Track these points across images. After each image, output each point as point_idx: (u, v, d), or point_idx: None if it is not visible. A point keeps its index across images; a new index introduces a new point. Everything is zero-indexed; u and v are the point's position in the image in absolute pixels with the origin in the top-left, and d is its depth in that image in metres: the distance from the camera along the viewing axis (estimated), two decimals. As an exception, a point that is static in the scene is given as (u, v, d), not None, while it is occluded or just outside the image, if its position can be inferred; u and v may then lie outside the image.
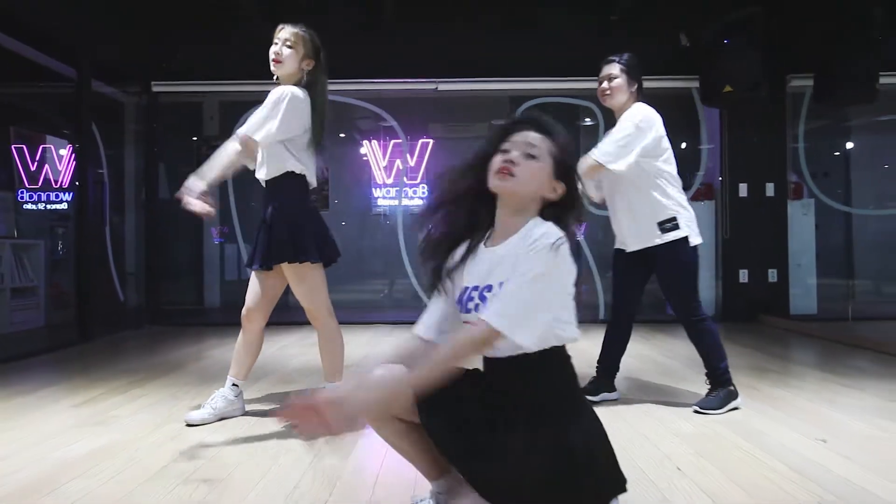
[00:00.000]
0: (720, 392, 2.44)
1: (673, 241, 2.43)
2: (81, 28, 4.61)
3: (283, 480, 1.73)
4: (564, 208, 1.31)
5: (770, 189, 5.47)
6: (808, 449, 1.96)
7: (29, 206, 6.01)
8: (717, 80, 4.83)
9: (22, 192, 6.00)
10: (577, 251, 1.78)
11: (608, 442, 1.31)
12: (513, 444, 1.20)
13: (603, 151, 2.38)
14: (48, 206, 6.08)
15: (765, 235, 5.42)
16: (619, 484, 1.30)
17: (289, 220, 2.30)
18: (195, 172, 2.18)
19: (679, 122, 6.05)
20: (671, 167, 2.51)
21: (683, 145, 5.89)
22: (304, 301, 2.38)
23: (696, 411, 2.39)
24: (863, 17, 4.74)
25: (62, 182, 6.11)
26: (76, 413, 2.47)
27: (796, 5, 5.20)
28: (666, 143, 2.50)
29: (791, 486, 1.65)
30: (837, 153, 6.68)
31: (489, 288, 1.27)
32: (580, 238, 5.79)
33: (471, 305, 1.28)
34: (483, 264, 1.30)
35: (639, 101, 2.52)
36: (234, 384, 2.40)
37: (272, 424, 2.24)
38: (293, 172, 2.31)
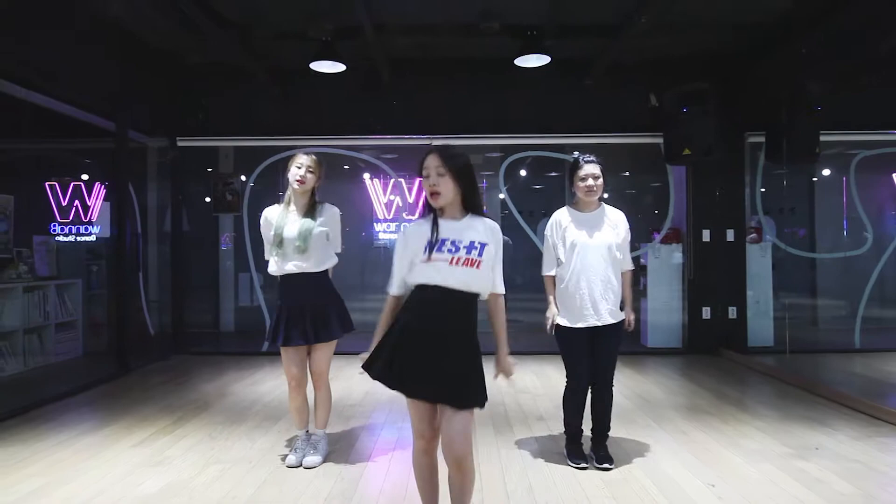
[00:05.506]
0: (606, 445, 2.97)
1: (622, 319, 2.95)
2: (119, 91, 5.30)
3: (304, 516, 2.38)
4: (473, 200, 2.01)
5: (730, 234, 6.10)
6: (696, 492, 2.61)
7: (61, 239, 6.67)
8: (676, 143, 5.47)
9: (54, 226, 6.67)
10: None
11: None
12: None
13: (630, 260, 3.00)
14: (78, 239, 6.73)
15: (725, 276, 6.06)
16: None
17: (336, 302, 2.99)
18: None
19: (649, 174, 6.71)
20: None
21: (653, 195, 6.53)
22: (324, 366, 3.01)
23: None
24: (805, 88, 5.38)
25: (91, 217, 6.77)
26: (137, 453, 3.14)
27: (754, 74, 5.83)
28: None
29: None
30: (794, 198, 7.29)
31: (470, 242, 1.95)
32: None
33: (444, 249, 1.94)
34: (453, 228, 1.97)
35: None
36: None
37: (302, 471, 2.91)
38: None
